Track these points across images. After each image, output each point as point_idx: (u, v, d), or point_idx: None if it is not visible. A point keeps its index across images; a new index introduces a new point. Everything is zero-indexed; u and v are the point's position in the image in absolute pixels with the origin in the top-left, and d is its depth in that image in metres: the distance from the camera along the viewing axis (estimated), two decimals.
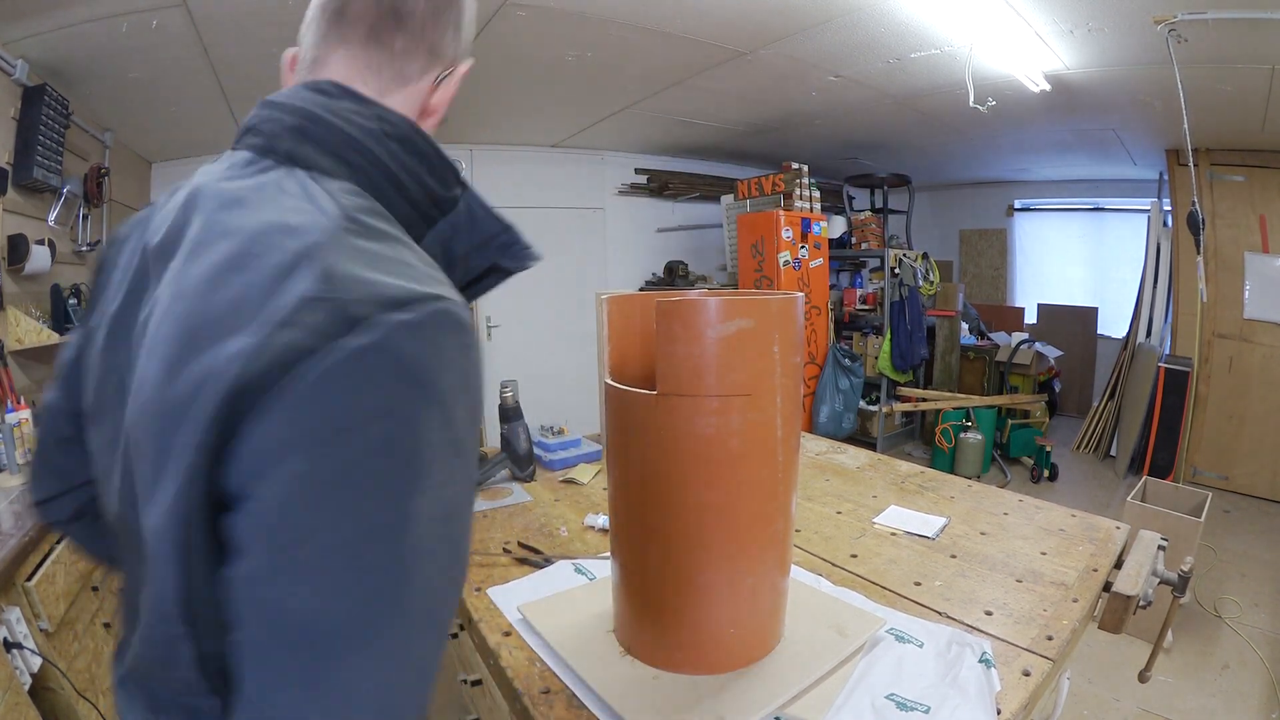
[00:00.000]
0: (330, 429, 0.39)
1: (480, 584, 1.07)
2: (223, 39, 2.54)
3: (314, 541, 0.38)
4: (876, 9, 2.52)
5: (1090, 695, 2.18)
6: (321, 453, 0.38)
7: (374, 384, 0.40)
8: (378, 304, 0.41)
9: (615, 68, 3.25)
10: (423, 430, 0.41)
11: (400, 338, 0.41)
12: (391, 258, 0.46)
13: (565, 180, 5.26)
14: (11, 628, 1.34)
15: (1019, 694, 0.76)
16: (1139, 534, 1.14)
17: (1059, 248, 6.23)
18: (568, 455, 1.69)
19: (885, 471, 1.60)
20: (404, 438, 0.41)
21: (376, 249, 0.45)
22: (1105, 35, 2.63)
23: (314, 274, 0.41)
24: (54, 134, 2.45)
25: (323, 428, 0.39)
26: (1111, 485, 4.25)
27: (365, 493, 0.39)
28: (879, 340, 4.76)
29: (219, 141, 3.80)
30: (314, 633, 0.38)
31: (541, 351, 5.26)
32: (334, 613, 0.39)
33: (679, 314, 0.69)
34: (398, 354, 0.41)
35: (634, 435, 0.75)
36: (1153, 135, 4.18)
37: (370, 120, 0.53)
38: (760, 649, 0.80)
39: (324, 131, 0.52)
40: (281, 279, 0.41)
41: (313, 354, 0.38)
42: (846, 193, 5.37)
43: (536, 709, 0.76)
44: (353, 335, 0.39)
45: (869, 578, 1.06)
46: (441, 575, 0.44)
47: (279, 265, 0.42)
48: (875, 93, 3.62)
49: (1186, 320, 4.27)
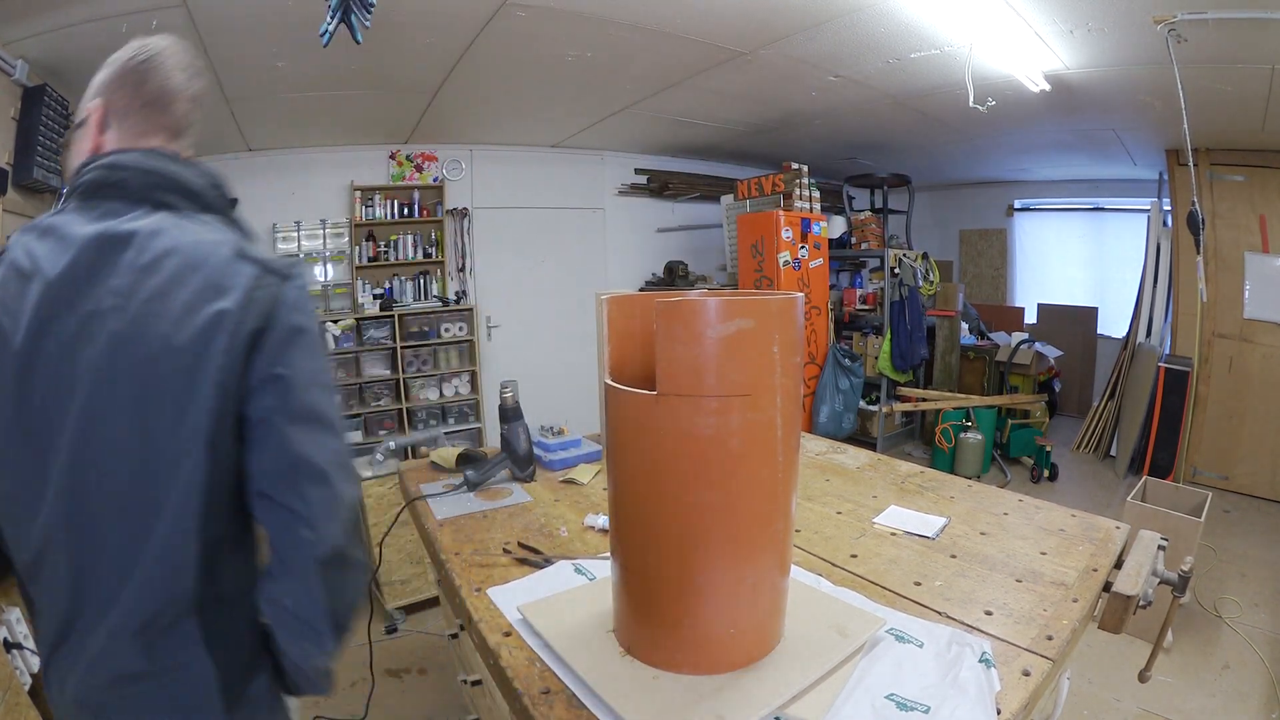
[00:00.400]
0: (305, 323, 0.76)
1: (480, 584, 1.07)
2: (223, 39, 2.54)
3: (318, 373, 0.77)
4: (876, 9, 2.52)
5: (1090, 695, 2.18)
6: (307, 335, 0.76)
7: (306, 301, 0.77)
8: (286, 266, 0.76)
9: (615, 68, 3.25)
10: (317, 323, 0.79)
11: (302, 279, 0.78)
12: (256, 246, 0.79)
13: (565, 180, 5.26)
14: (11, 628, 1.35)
15: (1019, 694, 0.76)
16: (1139, 534, 1.14)
17: (1059, 248, 6.23)
18: (568, 455, 1.69)
19: (885, 471, 1.60)
20: (317, 327, 0.78)
21: (251, 242, 0.79)
22: (1105, 35, 2.63)
23: (250, 260, 0.74)
24: (54, 134, 2.45)
25: (303, 322, 0.75)
26: (1111, 485, 4.25)
27: (321, 350, 0.80)
28: (879, 340, 4.76)
29: (219, 141, 3.82)
30: (324, 416, 0.75)
31: (541, 351, 5.26)
32: (329, 406, 0.77)
33: (679, 314, 0.69)
34: (305, 286, 0.78)
35: (634, 435, 0.75)
36: (1153, 135, 4.18)
37: (193, 173, 0.80)
38: (760, 649, 0.80)
39: (176, 185, 0.77)
40: (232, 265, 0.72)
41: (282, 294, 0.74)
42: (846, 193, 5.37)
43: (536, 709, 0.76)
44: (290, 282, 0.75)
45: (869, 578, 1.06)
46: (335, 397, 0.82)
47: (225, 259, 0.73)
48: (875, 93, 3.62)
49: (1186, 320, 4.27)
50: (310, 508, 0.71)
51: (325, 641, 0.75)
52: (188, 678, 0.72)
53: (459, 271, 4.89)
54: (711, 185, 5.70)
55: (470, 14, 2.54)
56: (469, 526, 1.32)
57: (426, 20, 2.55)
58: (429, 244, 4.76)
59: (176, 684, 0.72)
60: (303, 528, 0.71)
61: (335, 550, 0.72)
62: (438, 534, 1.29)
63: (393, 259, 4.67)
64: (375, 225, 4.60)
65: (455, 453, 1.70)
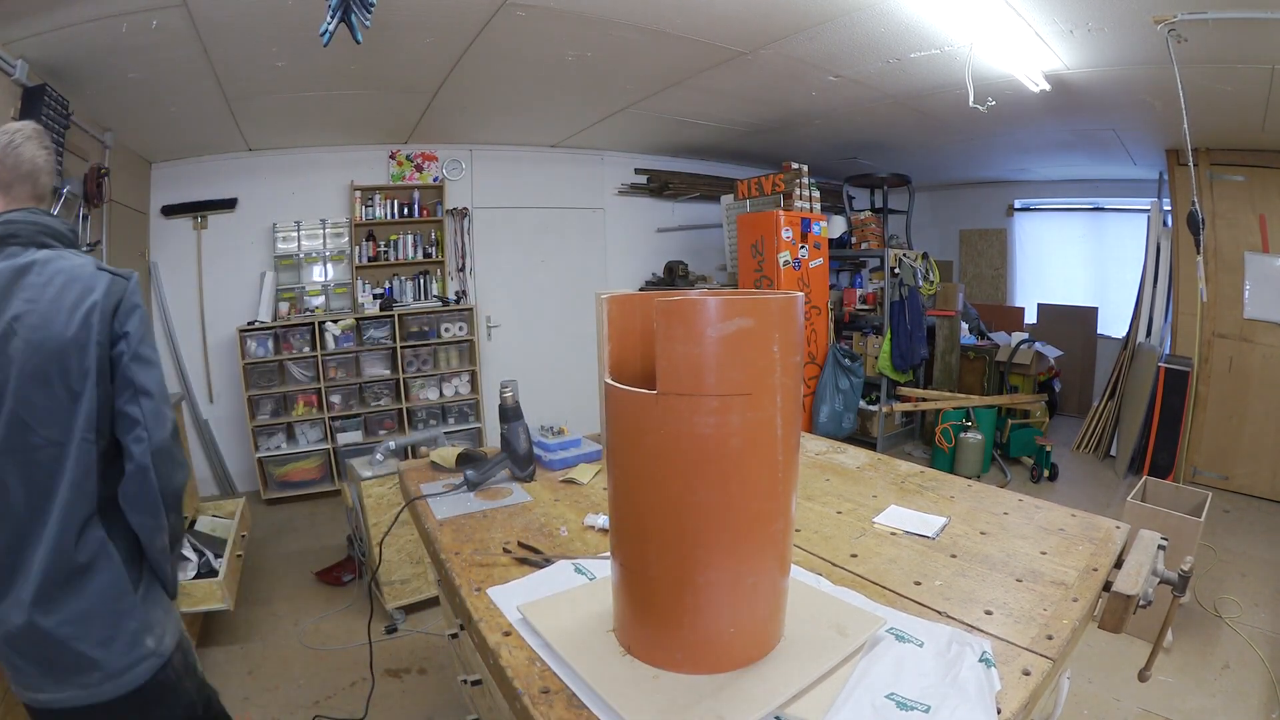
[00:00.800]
0: (139, 304, 1.17)
1: (480, 584, 1.07)
2: (223, 39, 2.54)
3: (146, 334, 1.17)
4: (876, 9, 2.52)
5: (1090, 695, 2.18)
6: (140, 311, 1.16)
7: (138, 292, 1.17)
8: (125, 273, 1.16)
9: (615, 68, 3.25)
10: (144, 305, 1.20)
11: (135, 280, 1.18)
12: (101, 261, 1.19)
13: (565, 180, 5.26)
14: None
15: (1019, 693, 0.76)
16: (1139, 533, 1.14)
17: (1059, 248, 6.23)
18: (568, 455, 1.69)
19: (885, 471, 1.60)
20: (145, 307, 1.20)
21: (99, 260, 1.20)
22: (1105, 35, 2.63)
23: (105, 271, 1.14)
24: (54, 134, 2.45)
25: (138, 303, 1.16)
26: (1111, 485, 4.25)
27: (148, 321, 1.32)
28: (879, 340, 4.76)
29: (219, 141, 3.82)
30: (151, 359, 1.16)
31: (541, 351, 5.26)
32: (154, 354, 1.18)
33: (679, 313, 0.69)
34: (137, 284, 1.18)
35: (634, 435, 0.75)
36: (1153, 135, 4.18)
37: (59, 222, 1.19)
38: (760, 649, 0.80)
39: (51, 231, 1.16)
40: (95, 275, 1.12)
41: (124, 287, 1.15)
42: (846, 193, 5.37)
43: (536, 709, 0.75)
44: (129, 282, 1.16)
45: (869, 577, 1.06)
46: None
47: (91, 272, 1.12)
48: (875, 93, 3.62)
49: (1186, 320, 4.27)
50: (144, 414, 1.12)
51: (159, 515, 1.14)
52: (110, 565, 1.11)
53: (459, 271, 4.90)
54: (711, 185, 5.70)
55: (470, 14, 2.54)
56: (469, 526, 1.32)
57: (426, 20, 2.55)
58: (429, 244, 4.76)
59: (104, 571, 1.10)
60: (140, 429, 1.12)
61: (163, 445, 1.13)
62: (438, 534, 1.29)
63: (393, 259, 4.67)
64: (375, 225, 4.60)
65: (455, 453, 1.70)
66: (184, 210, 4.18)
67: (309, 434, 4.40)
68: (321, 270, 4.58)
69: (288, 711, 2.22)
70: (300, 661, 2.52)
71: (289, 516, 4.05)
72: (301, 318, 4.31)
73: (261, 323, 4.23)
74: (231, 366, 4.23)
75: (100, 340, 1.09)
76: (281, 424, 4.30)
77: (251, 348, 4.17)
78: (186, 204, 4.18)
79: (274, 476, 4.28)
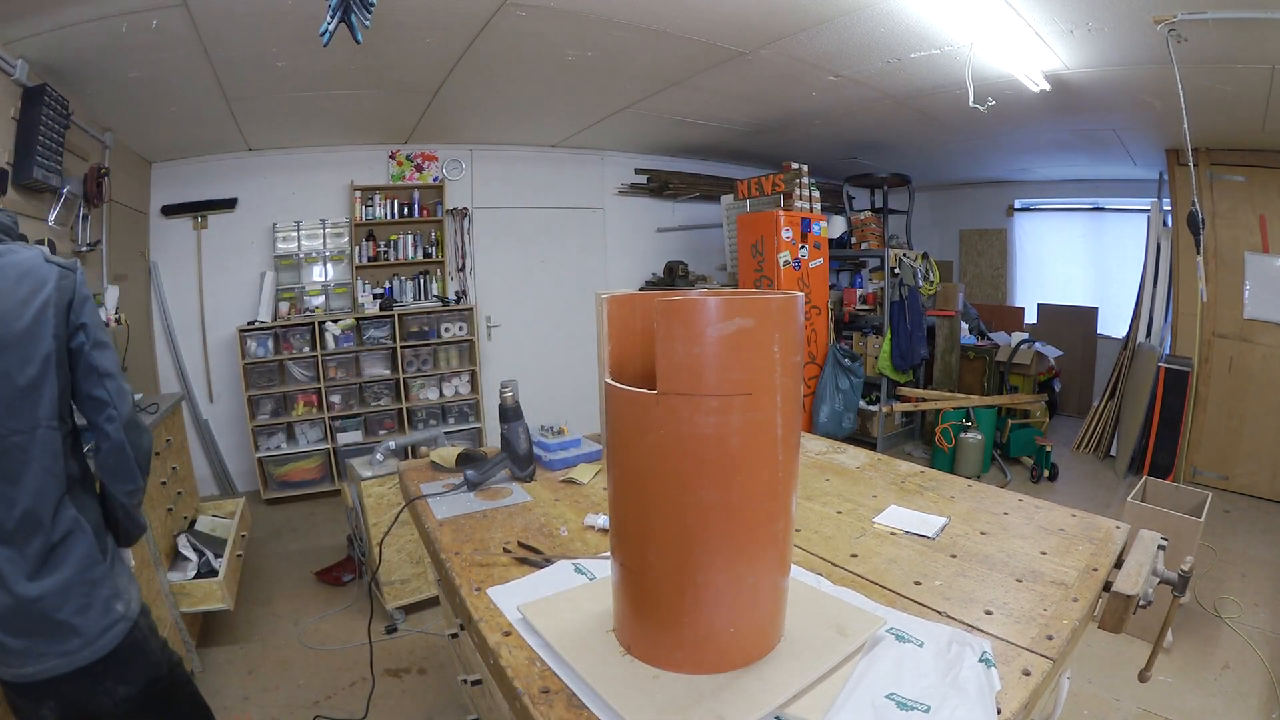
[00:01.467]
0: (89, 295, 1.23)
1: (480, 584, 1.07)
2: (223, 39, 2.54)
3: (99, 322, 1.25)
4: (876, 9, 2.52)
5: (1090, 695, 2.18)
6: (91, 301, 1.24)
7: (85, 283, 1.24)
8: (71, 264, 1.23)
9: (615, 68, 3.25)
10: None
11: (81, 271, 1.24)
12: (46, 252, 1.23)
13: (565, 180, 5.26)
14: None
15: (1019, 693, 0.76)
16: (1139, 534, 1.14)
17: (1059, 248, 6.23)
18: (568, 455, 1.69)
19: (885, 471, 1.60)
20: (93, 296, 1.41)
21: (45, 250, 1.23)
22: (1105, 35, 2.63)
23: (52, 263, 1.19)
24: (54, 134, 2.45)
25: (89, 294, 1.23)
26: (1111, 485, 4.25)
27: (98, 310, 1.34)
28: (879, 340, 4.76)
29: (219, 141, 3.82)
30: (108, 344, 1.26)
31: (541, 351, 5.26)
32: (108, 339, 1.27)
33: (679, 313, 0.69)
34: (83, 274, 1.25)
35: (634, 435, 0.75)
36: (1153, 135, 4.18)
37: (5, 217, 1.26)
38: (760, 649, 0.80)
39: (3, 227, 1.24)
40: (44, 267, 1.17)
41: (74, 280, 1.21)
42: (846, 193, 5.37)
43: (536, 709, 0.75)
44: (76, 274, 1.22)
45: (869, 577, 1.06)
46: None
47: (41, 265, 1.17)
48: (875, 93, 3.61)
49: (1186, 320, 4.27)
50: (110, 394, 1.23)
51: (136, 478, 1.29)
52: (83, 538, 1.21)
53: (459, 271, 4.90)
54: (711, 185, 5.70)
55: (470, 13, 2.54)
56: (469, 526, 1.32)
57: (426, 20, 2.55)
58: (429, 244, 4.76)
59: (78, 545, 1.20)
60: (109, 408, 1.23)
61: (130, 417, 1.26)
62: (438, 534, 1.29)
63: (393, 259, 4.67)
64: (375, 225, 4.60)
65: (455, 452, 1.70)
66: (184, 210, 4.18)
67: (309, 434, 4.40)
68: (321, 270, 4.58)
69: (287, 711, 2.22)
70: (300, 661, 2.52)
71: (289, 516, 4.05)
72: (301, 318, 4.31)
73: (261, 322, 4.23)
74: (231, 366, 4.23)
75: (58, 334, 1.16)
76: (281, 424, 4.30)
77: (251, 348, 4.17)
78: (186, 204, 4.18)
79: (274, 476, 4.28)
